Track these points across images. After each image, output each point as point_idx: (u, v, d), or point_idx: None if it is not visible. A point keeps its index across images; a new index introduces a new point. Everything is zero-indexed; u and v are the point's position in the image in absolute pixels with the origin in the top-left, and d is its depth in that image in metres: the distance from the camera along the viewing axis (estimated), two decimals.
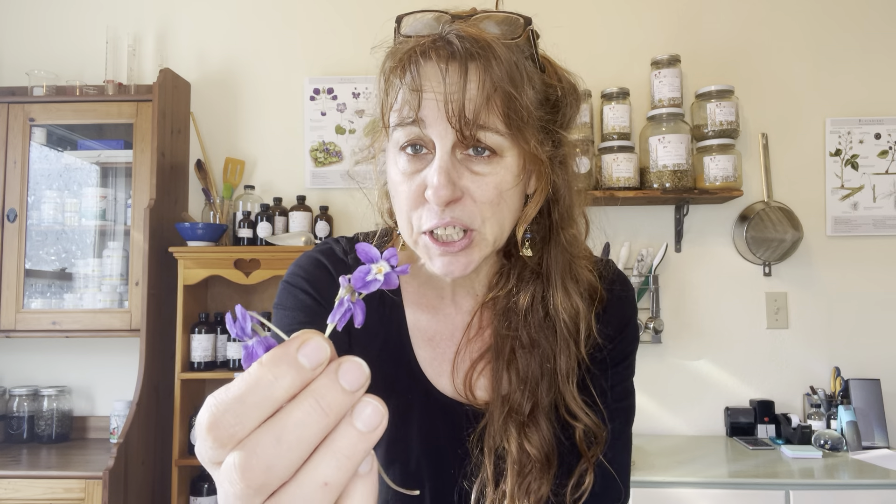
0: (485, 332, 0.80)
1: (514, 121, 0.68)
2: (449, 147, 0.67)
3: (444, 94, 0.65)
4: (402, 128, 0.69)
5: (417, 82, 0.66)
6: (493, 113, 0.67)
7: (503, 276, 0.79)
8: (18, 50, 2.70)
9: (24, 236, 2.41)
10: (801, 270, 2.51)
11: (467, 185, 0.68)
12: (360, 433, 0.31)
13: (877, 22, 2.57)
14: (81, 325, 2.37)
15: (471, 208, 0.68)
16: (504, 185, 0.69)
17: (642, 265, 2.48)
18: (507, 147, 0.69)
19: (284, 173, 2.63)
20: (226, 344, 2.35)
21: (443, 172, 0.66)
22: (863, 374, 2.43)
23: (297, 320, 0.77)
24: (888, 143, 2.53)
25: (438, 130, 0.67)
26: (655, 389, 2.49)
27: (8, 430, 2.49)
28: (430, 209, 0.68)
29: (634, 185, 2.37)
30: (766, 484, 1.90)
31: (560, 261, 0.76)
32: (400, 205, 0.72)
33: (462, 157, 0.68)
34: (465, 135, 0.66)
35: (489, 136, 0.67)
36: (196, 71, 2.67)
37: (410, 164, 0.70)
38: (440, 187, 0.66)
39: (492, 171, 0.69)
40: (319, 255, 0.82)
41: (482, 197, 0.68)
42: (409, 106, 0.67)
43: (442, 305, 0.82)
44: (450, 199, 0.67)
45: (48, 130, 2.53)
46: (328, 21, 2.67)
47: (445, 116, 0.65)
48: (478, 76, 0.66)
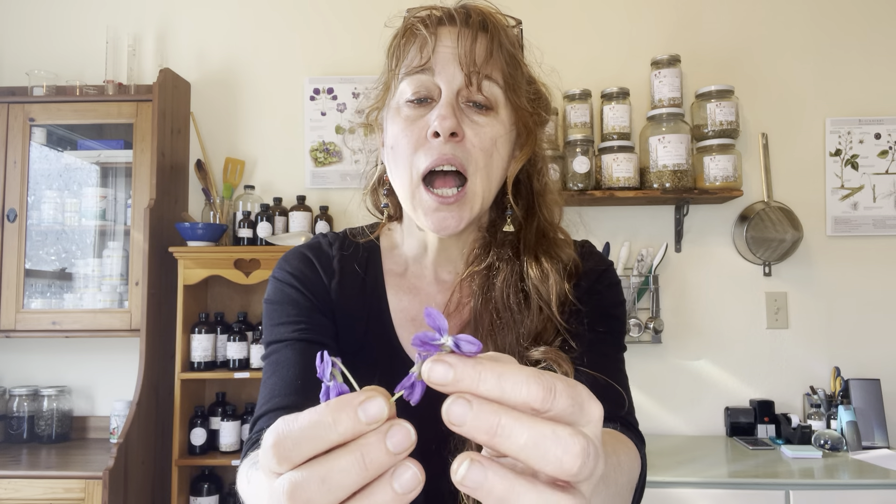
0: (464, 308, 0.82)
1: (512, 79, 0.76)
2: (455, 90, 0.74)
3: (459, 43, 0.74)
4: (411, 77, 0.75)
5: (433, 31, 0.75)
6: (496, 68, 0.75)
7: (482, 250, 0.82)
8: (18, 50, 2.70)
9: (24, 236, 2.41)
10: (801, 270, 2.51)
11: (467, 131, 0.74)
12: (395, 493, 0.33)
13: (877, 22, 2.57)
14: (81, 325, 2.37)
15: (469, 149, 0.74)
16: (497, 137, 0.75)
17: (642, 265, 2.48)
18: (502, 103, 0.76)
19: (284, 173, 2.63)
20: (226, 344, 2.35)
21: (448, 106, 0.73)
22: (863, 374, 2.43)
23: (287, 314, 0.80)
24: (888, 143, 2.53)
25: (447, 75, 0.74)
26: (655, 389, 2.49)
27: (8, 430, 2.49)
28: (430, 147, 0.73)
29: (634, 185, 2.37)
30: (766, 484, 1.90)
31: (536, 237, 0.81)
32: (400, 151, 0.75)
33: (464, 106, 0.74)
34: (472, 80, 0.73)
35: (491, 87, 0.75)
36: (196, 71, 2.67)
37: (415, 111, 0.75)
38: (446, 117, 0.71)
39: (488, 122, 0.75)
40: (306, 249, 0.86)
41: (480, 143, 0.74)
42: (422, 53, 0.74)
43: (423, 285, 0.85)
44: (453, 129, 0.72)
45: (48, 130, 2.53)
46: (328, 21, 2.67)
47: (456, 63, 0.73)
48: (487, 37, 0.75)
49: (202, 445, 2.28)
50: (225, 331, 2.37)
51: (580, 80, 2.50)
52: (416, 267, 0.86)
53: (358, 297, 0.84)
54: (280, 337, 0.79)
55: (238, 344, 2.33)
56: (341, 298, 0.83)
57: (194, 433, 2.28)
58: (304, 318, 0.80)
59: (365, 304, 0.83)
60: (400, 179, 0.77)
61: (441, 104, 0.73)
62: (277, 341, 0.79)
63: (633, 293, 2.47)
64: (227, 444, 2.29)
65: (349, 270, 0.85)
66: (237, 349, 2.33)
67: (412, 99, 0.75)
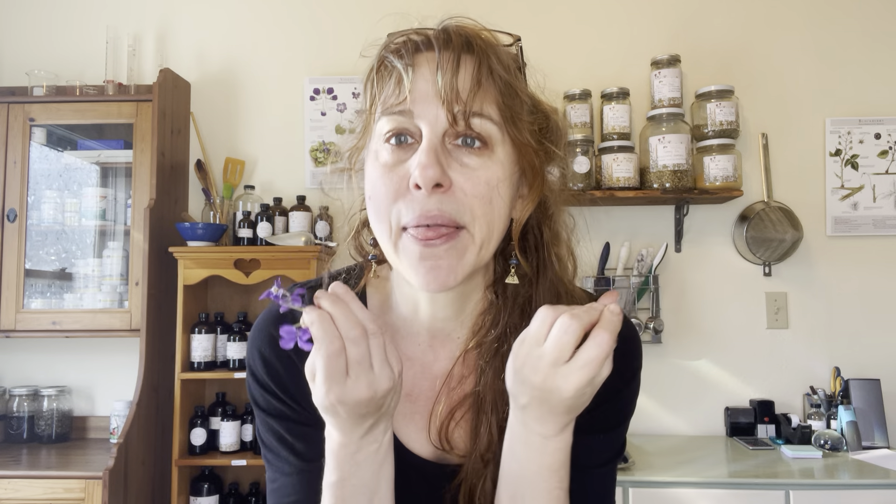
0: (466, 381, 0.73)
1: (509, 108, 0.64)
2: (440, 132, 0.63)
3: (440, 75, 0.62)
4: (389, 116, 0.65)
5: (409, 62, 0.64)
6: (488, 100, 0.64)
7: (491, 318, 0.72)
8: (18, 50, 2.70)
9: (24, 236, 2.41)
10: (801, 270, 2.51)
11: (456, 178, 0.63)
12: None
13: (877, 22, 2.57)
14: (81, 325, 2.37)
15: (460, 199, 0.63)
16: (495, 180, 0.64)
17: (642, 265, 2.48)
18: (498, 140, 0.65)
19: (284, 173, 2.63)
20: (226, 344, 2.35)
21: (431, 152, 0.62)
22: (863, 374, 2.43)
23: (273, 430, 0.73)
24: (888, 143, 2.53)
25: (428, 117, 0.63)
26: (655, 389, 2.49)
27: (8, 430, 2.49)
28: (413, 200, 0.63)
29: (634, 185, 2.37)
30: (766, 484, 1.90)
31: (549, 297, 0.71)
32: (378, 202, 0.65)
33: (451, 147, 0.64)
34: (456, 119, 0.62)
35: (483, 124, 0.63)
36: (196, 71, 2.67)
37: (393, 155, 0.65)
38: (427, 166, 0.61)
39: (482, 164, 0.64)
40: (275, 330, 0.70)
41: (473, 190, 0.63)
42: (399, 90, 0.64)
43: (416, 353, 0.75)
44: (437, 180, 0.61)
45: (48, 130, 2.53)
46: (328, 21, 2.67)
47: (438, 100, 0.62)
48: (474, 63, 0.64)
49: (202, 445, 2.28)
50: (225, 331, 2.37)
51: (580, 80, 2.50)
52: (408, 330, 0.75)
53: None
54: (275, 457, 0.73)
55: (238, 344, 2.33)
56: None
57: (194, 433, 2.28)
58: (293, 434, 0.72)
59: None
60: (379, 233, 0.67)
61: (422, 149, 0.62)
62: (270, 453, 0.74)
63: (633, 293, 2.47)
64: (227, 444, 2.29)
65: None
66: (237, 349, 2.33)
67: (390, 140, 0.65)
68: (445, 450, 0.72)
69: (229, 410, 2.34)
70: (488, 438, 0.69)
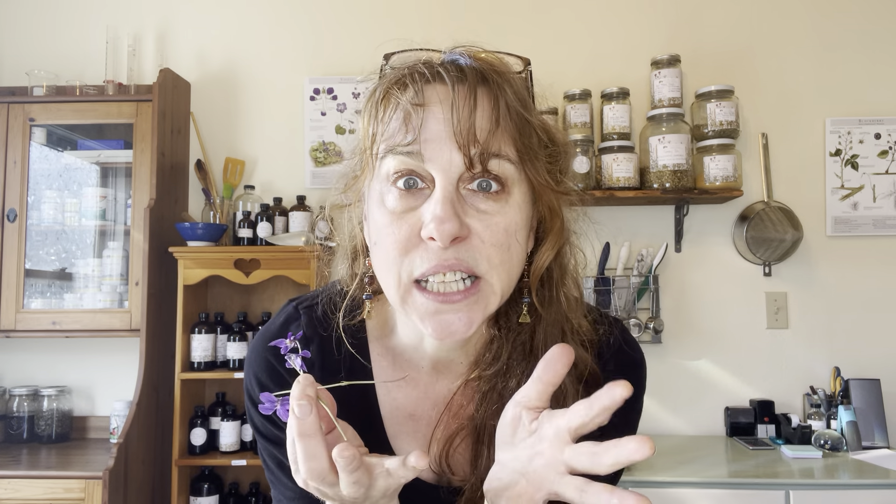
0: (464, 410, 0.71)
1: (527, 149, 0.60)
2: (455, 178, 0.58)
3: (454, 114, 0.57)
4: (395, 157, 0.59)
5: (421, 98, 0.59)
6: (505, 140, 0.59)
7: (492, 352, 0.69)
8: (18, 50, 2.70)
9: (24, 236, 2.41)
10: (801, 270, 2.51)
11: (473, 225, 0.58)
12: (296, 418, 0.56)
13: (877, 22, 2.57)
14: (81, 325, 2.37)
15: (477, 247, 0.59)
16: (513, 226, 0.60)
17: (642, 265, 2.48)
18: (516, 180, 0.61)
19: (284, 173, 2.63)
20: (226, 344, 2.35)
21: (448, 202, 0.57)
22: (863, 374, 2.43)
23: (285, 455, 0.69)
24: (888, 143, 2.53)
25: (441, 162, 0.58)
26: (655, 389, 2.49)
27: (8, 430, 2.49)
28: (427, 250, 0.58)
29: (634, 185, 2.37)
30: (766, 484, 1.90)
31: (552, 334, 0.68)
32: (386, 251, 0.61)
33: (466, 193, 0.59)
34: (473, 163, 0.57)
35: (500, 165, 0.59)
36: (196, 71, 2.67)
37: (402, 201, 0.60)
38: (445, 219, 0.56)
39: (500, 209, 0.60)
40: (272, 356, 0.72)
41: (491, 238, 0.59)
42: (406, 130, 0.59)
43: (419, 376, 0.73)
44: (456, 234, 0.57)
45: (48, 130, 2.53)
46: (328, 21, 2.67)
47: (452, 143, 0.57)
48: (490, 98, 0.59)
49: (202, 445, 2.28)
50: (225, 331, 2.37)
51: (580, 80, 2.50)
52: (410, 356, 0.73)
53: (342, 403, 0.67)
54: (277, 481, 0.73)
55: (238, 344, 2.33)
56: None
57: (194, 433, 2.28)
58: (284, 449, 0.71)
59: (350, 409, 0.67)
60: (387, 282, 0.62)
61: (436, 199, 0.57)
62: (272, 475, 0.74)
63: (633, 293, 2.47)
64: (227, 444, 2.29)
65: (330, 373, 0.72)
66: (237, 349, 2.33)
67: (398, 181, 0.60)
68: (446, 473, 0.72)
69: (229, 410, 2.34)
70: (487, 465, 0.68)
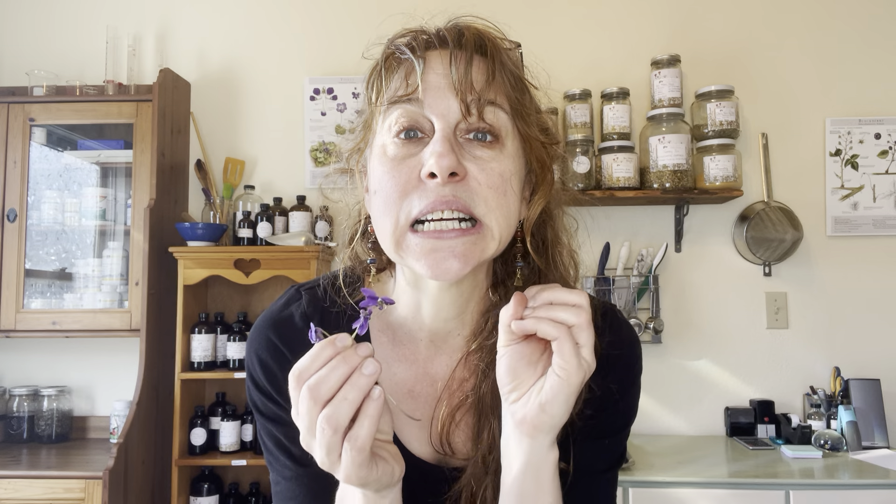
0: (466, 383, 0.73)
1: (520, 103, 0.65)
2: (453, 123, 0.63)
3: (452, 67, 0.62)
4: (398, 106, 0.64)
5: (421, 52, 0.64)
6: (500, 92, 0.64)
7: (492, 320, 0.70)
8: (18, 50, 2.70)
9: (24, 236, 2.41)
10: (801, 270, 2.51)
11: (470, 168, 0.62)
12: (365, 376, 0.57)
13: (877, 22, 2.57)
14: (81, 325, 2.37)
15: (475, 189, 0.62)
16: (508, 172, 0.64)
17: (642, 265, 2.48)
18: (509, 134, 0.65)
19: (284, 173, 2.63)
20: (226, 344, 2.35)
21: (445, 141, 0.61)
22: (863, 374, 2.43)
23: (283, 434, 0.73)
24: (888, 143, 2.53)
25: (440, 108, 0.62)
26: (655, 389, 2.49)
27: (8, 430, 2.49)
28: (426, 189, 0.62)
29: (634, 185, 2.37)
30: (766, 484, 1.90)
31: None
32: (385, 196, 0.63)
33: (463, 141, 0.63)
34: (471, 109, 0.62)
35: (496, 113, 0.64)
36: (196, 71, 2.67)
37: (403, 149, 0.64)
38: (444, 154, 0.60)
39: (495, 157, 0.63)
40: (276, 335, 0.74)
41: (487, 181, 0.63)
42: (408, 82, 0.64)
43: (418, 351, 0.75)
44: (453, 168, 0.60)
45: (48, 130, 2.53)
46: (328, 21, 2.67)
47: (451, 92, 0.62)
48: (485, 60, 0.64)
49: (202, 445, 2.28)
50: (225, 331, 2.37)
51: (580, 80, 2.50)
52: (409, 329, 0.75)
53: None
54: (276, 460, 0.74)
55: (238, 344, 2.33)
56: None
57: (194, 433, 2.28)
58: (290, 439, 0.71)
59: None
60: (384, 228, 0.65)
61: (436, 139, 0.62)
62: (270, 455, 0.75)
63: (633, 293, 2.47)
64: (227, 444, 2.29)
65: None
66: (237, 349, 2.33)
67: (399, 134, 0.64)
68: (447, 454, 0.72)
69: (229, 410, 2.34)
70: (490, 442, 0.69)
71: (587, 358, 0.60)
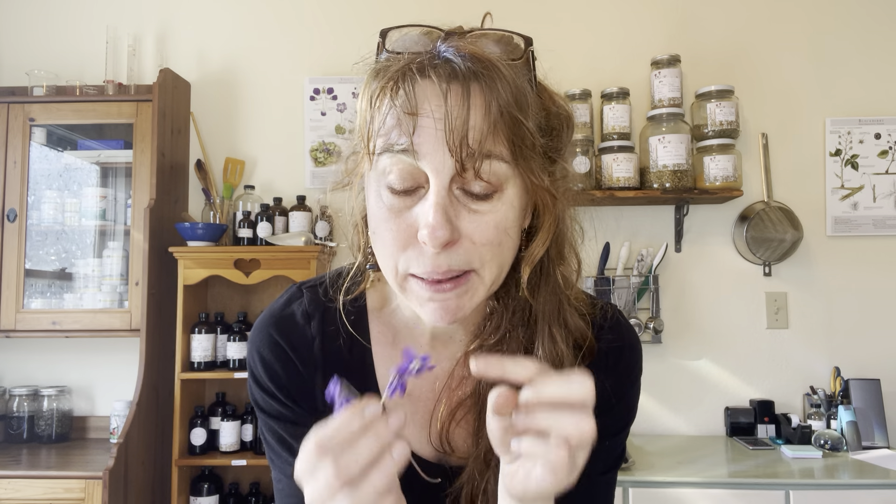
0: (466, 382, 0.73)
1: (520, 148, 0.61)
2: (447, 181, 0.59)
3: (446, 119, 0.58)
4: (391, 155, 0.61)
5: (413, 104, 0.59)
6: (499, 140, 0.60)
7: (493, 323, 0.71)
8: (18, 50, 2.70)
9: (24, 236, 2.41)
10: (801, 270, 2.51)
11: (465, 226, 0.61)
12: (394, 459, 0.53)
13: (877, 22, 2.57)
14: (81, 325, 2.37)
15: (469, 251, 0.61)
16: (505, 222, 0.62)
17: (642, 265, 2.48)
18: (509, 178, 0.62)
19: (284, 173, 2.63)
20: (226, 344, 2.35)
21: (440, 210, 0.59)
22: (863, 374, 2.43)
23: (285, 430, 0.74)
24: (888, 143, 2.53)
25: (435, 163, 0.59)
26: (655, 389, 2.49)
27: (8, 430, 2.49)
28: (422, 253, 0.61)
29: (634, 185, 2.37)
30: (766, 484, 1.90)
31: (551, 303, 0.70)
32: (384, 244, 0.64)
33: (459, 194, 0.61)
34: (465, 167, 0.59)
35: (493, 166, 0.60)
36: (196, 71, 2.67)
37: (399, 200, 0.62)
38: (437, 227, 0.58)
39: (492, 208, 0.61)
40: (279, 333, 0.75)
41: (482, 238, 0.61)
42: (401, 130, 0.60)
43: (420, 352, 0.76)
44: (447, 240, 0.59)
45: (48, 130, 2.53)
46: (328, 21, 2.67)
47: (446, 145, 0.58)
48: (482, 99, 0.59)
49: (202, 445, 2.28)
50: (225, 331, 2.37)
51: (580, 80, 2.50)
52: (410, 330, 0.75)
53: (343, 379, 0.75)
54: (277, 457, 0.74)
55: (238, 344, 2.33)
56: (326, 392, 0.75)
57: (194, 433, 2.28)
58: (292, 435, 0.72)
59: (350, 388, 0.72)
60: (385, 269, 0.66)
61: (430, 204, 0.59)
62: (272, 453, 0.75)
63: (633, 293, 2.47)
64: (227, 444, 2.29)
65: (333, 353, 0.74)
66: (237, 349, 2.33)
67: (393, 185, 0.62)
68: (446, 452, 0.72)
69: (229, 410, 2.34)
70: (489, 440, 0.69)
71: (580, 460, 0.55)
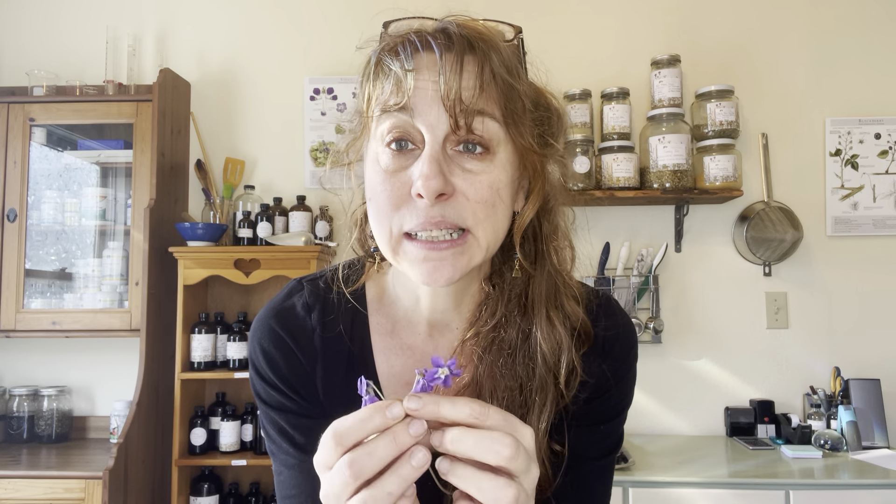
0: (464, 369, 0.73)
1: (511, 111, 0.64)
2: (441, 137, 0.62)
3: (440, 79, 0.61)
4: (389, 115, 0.64)
5: (410, 63, 0.63)
6: (491, 101, 0.63)
7: (489, 308, 0.72)
8: (18, 50, 2.70)
9: (24, 236, 2.41)
10: (801, 270, 2.51)
11: (459, 183, 0.63)
12: (412, 467, 0.50)
13: (877, 22, 2.57)
14: (81, 325, 2.37)
15: (463, 205, 0.63)
16: (498, 184, 0.64)
17: (642, 265, 2.48)
18: (501, 141, 0.65)
19: (284, 173, 2.63)
20: (226, 344, 2.35)
21: (434, 162, 0.61)
22: (863, 374, 2.43)
23: (277, 424, 0.74)
24: (888, 143, 2.53)
25: (430, 119, 0.62)
26: (655, 389, 2.49)
27: (8, 430, 2.49)
28: (416, 207, 0.63)
29: (634, 185, 2.37)
30: (766, 484, 1.90)
31: (548, 284, 0.72)
32: (379, 207, 0.65)
33: (453, 154, 0.63)
34: (459, 123, 0.61)
35: (486, 124, 0.63)
36: (196, 71, 2.67)
37: (394, 161, 0.64)
38: (430, 177, 0.60)
39: (485, 168, 0.64)
40: (280, 325, 0.76)
41: (476, 195, 0.63)
42: (399, 90, 0.63)
43: (416, 343, 0.76)
44: (440, 190, 0.61)
45: (48, 130, 2.53)
46: (328, 21, 2.67)
47: (440, 100, 0.61)
48: (476, 64, 0.63)
49: (202, 445, 2.28)
50: (225, 331, 2.37)
51: (580, 80, 2.50)
52: (408, 320, 0.77)
53: (344, 373, 0.74)
54: (278, 449, 0.75)
55: (238, 344, 2.33)
56: (327, 384, 0.74)
57: (194, 433, 2.28)
58: (294, 426, 0.74)
59: (350, 380, 0.68)
60: (380, 234, 0.67)
61: (424, 157, 0.62)
62: (273, 444, 0.76)
63: (633, 293, 2.47)
64: (227, 444, 2.29)
65: (333, 344, 0.75)
66: (237, 349, 2.33)
67: (391, 144, 0.64)
68: None
69: (229, 410, 2.34)
70: None
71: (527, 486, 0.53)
